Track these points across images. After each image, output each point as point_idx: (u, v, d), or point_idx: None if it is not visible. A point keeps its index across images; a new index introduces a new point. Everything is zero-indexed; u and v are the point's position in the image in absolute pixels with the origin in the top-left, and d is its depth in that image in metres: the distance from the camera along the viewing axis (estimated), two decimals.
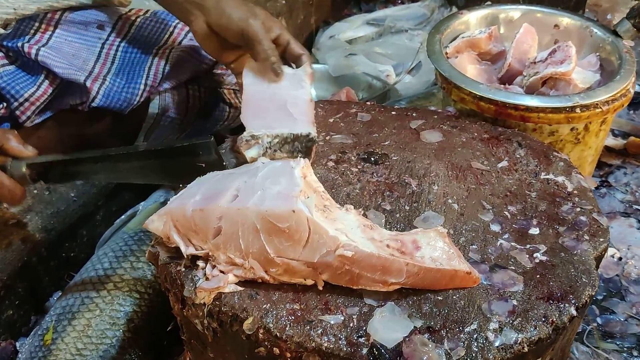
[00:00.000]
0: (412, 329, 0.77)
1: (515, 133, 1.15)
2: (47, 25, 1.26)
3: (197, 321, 0.85)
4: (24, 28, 1.24)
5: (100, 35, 1.32)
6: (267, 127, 1.01)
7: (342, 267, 0.79)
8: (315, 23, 2.35)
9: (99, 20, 1.33)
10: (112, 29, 1.33)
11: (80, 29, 1.30)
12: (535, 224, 0.93)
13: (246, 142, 1.00)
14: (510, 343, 0.76)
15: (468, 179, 1.02)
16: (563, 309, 0.80)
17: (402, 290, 0.81)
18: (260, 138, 0.99)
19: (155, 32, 1.35)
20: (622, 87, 1.27)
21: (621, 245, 1.46)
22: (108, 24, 1.33)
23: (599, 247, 0.90)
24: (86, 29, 1.31)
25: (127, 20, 1.35)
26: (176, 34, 1.36)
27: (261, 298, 0.81)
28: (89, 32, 1.31)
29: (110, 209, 1.42)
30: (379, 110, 1.22)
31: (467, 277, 0.81)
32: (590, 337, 1.26)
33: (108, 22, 1.33)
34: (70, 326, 1.13)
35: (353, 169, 1.03)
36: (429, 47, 1.40)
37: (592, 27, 1.46)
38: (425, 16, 2.32)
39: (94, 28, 1.32)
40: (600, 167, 1.68)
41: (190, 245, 0.85)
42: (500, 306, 0.80)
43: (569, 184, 1.01)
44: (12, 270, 1.21)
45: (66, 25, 1.28)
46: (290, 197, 0.80)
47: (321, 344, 0.76)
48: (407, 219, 0.94)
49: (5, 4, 1.19)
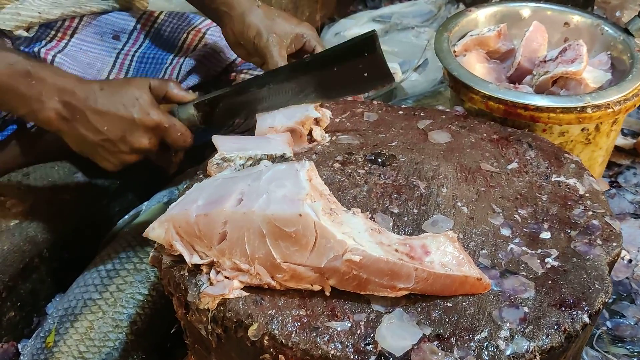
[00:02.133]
0: (421, 336, 0.75)
1: (525, 134, 1.12)
2: (64, 34, 1.29)
3: (201, 326, 0.83)
4: (41, 34, 1.26)
5: (116, 45, 1.34)
6: (239, 149, 0.96)
7: (350, 272, 0.77)
8: (321, 20, 2.33)
9: (114, 31, 1.35)
10: (128, 39, 1.35)
11: (97, 39, 1.33)
12: (546, 228, 0.91)
13: (217, 166, 0.95)
14: (522, 351, 0.74)
15: (477, 181, 1.00)
16: (575, 316, 0.78)
17: (410, 296, 0.79)
18: (233, 160, 0.95)
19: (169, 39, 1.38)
20: (634, 86, 1.25)
21: (631, 247, 1.44)
22: (123, 34, 1.35)
23: (612, 252, 0.88)
24: (102, 39, 1.33)
25: (142, 30, 1.36)
26: (190, 40, 1.37)
27: (266, 304, 0.79)
28: (104, 42, 1.34)
29: (114, 209, 1.41)
30: (386, 109, 1.20)
31: (478, 283, 0.79)
32: (600, 341, 1.24)
33: (124, 32, 1.35)
34: (72, 328, 1.12)
35: (360, 171, 1.02)
36: (437, 45, 1.38)
37: (603, 25, 1.43)
38: (432, 13, 2.30)
39: (110, 38, 1.35)
40: (610, 168, 1.65)
41: (194, 252, 0.83)
42: (511, 313, 0.78)
43: (581, 187, 0.99)
44: (13, 272, 1.20)
45: (82, 34, 1.31)
46: (297, 201, 0.79)
47: (328, 352, 0.74)
48: (416, 222, 0.92)
49: (30, 7, 1.20)
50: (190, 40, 1.36)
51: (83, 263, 1.26)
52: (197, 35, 1.36)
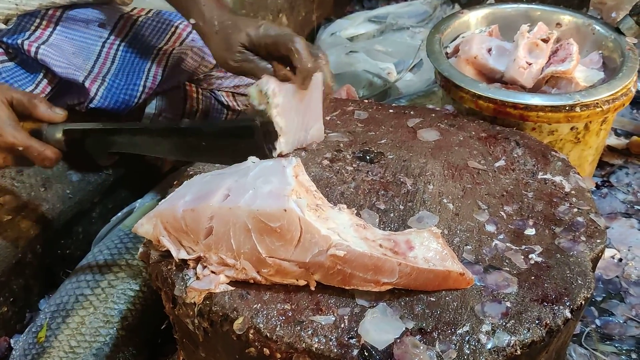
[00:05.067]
0: (404, 330, 0.76)
1: (513, 132, 1.13)
2: (48, 22, 1.25)
3: (188, 320, 0.84)
4: (25, 24, 1.23)
5: (102, 33, 1.31)
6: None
7: (334, 267, 0.78)
8: (317, 20, 2.34)
9: (101, 19, 1.31)
10: (114, 28, 1.32)
11: (82, 26, 1.29)
12: (531, 225, 0.92)
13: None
14: (503, 346, 0.75)
15: (464, 178, 1.00)
16: (557, 312, 0.79)
17: (394, 291, 0.80)
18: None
19: (156, 32, 1.34)
20: (623, 85, 1.25)
21: (622, 246, 1.45)
22: (109, 22, 1.32)
23: (596, 249, 0.89)
24: (87, 26, 1.30)
25: (128, 20, 1.34)
26: (178, 34, 1.35)
27: (252, 298, 0.80)
28: (90, 29, 1.30)
29: (107, 206, 1.42)
30: (377, 108, 1.21)
31: (461, 278, 0.80)
32: (589, 339, 1.24)
33: (109, 21, 1.32)
34: (64, 324, 1.13)
35: (348, 168, 1.02)
36: (429, 46, 1.39)
37: (594, 25, 1.44)
38: (427, 13, 2.31)
39: (96, 26, 1.31)
40: (602, 167, 1.66)
41: (181, 247, 0.84)
42: (493, 308, 0.79)
43: (567, 184, 1.00)
44: (6, 267, 1.21)
45: (67, 22, 1.28)
46: (282, 196, 0.79)
47: (311, 345, 0.75)
48: (402, 218, 0.93)
49: None
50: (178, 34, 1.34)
51: (76, 259, 1.27)
52: (184, 31, 1.34)
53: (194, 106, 1.40)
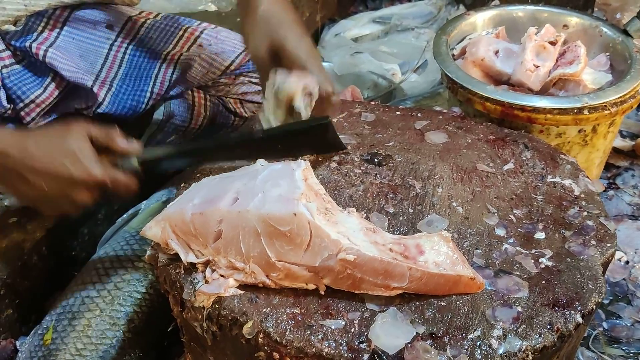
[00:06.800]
0: (415, 335, 0.75)
1: (521, 135, 1.13)
2: (55, 22, 1.24)
3: (197, 324, 0.84)
4: (32, 25, 1.22)
5: (109, 35, 1.29)
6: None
7: (344, 271, 0.78)
8: (321, 20, 2.33)
9: (108, 20, 1.30)
10: (121, 30, 1.31)
11: (89, 27, 1.28)
12: (541, 229, 0.91)
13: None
14: (514, 350, 0.74)
15: (473, 182, 1.00)
16: (568, 316, 0.78)
17: (404, 295, 0.79)
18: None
19: (164, 35, 1.33)
20: (631, 87, 1.25)
21: (628, 248, 1.44)
22: (117, 24, 1.31)
23: (606, 253, 0.88)
24: (95, 27, 1.28)
25: (136, 22, 1.32)
26: (186, 38, 1.33)
27: (261, 302, 0.80)
28: (97, 31, 1.29)
29: (112, 207, 1.41)
30: (384, 110, 1.21)
31: (471, 282, 0.80)
32: (596, 342, 1.24)
33: (117, 22, 1.31)
34: (70, 326, 1.13)
35: (356, 171, 1.02)
36: (435, 48, 1.39)
37: (602, 27, 1.44)
38: (432, 14, 2.30)
39: (103, 27, 1.30)
40: (608, 169, 1.66)
41: (189, 251, 0.83)
42: (504, 312, 0.78)
43: (576, 188, 1.00)
44: (12, 269, 1.20)
45: (74, 23, 1.26)
46: (292, 200, 0.79)
47: (322, 350, 0.74)
48: (411, 222, 0.92)
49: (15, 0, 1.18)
50: (186, 37, 1.33)
51: (81, 261, 1.26)
52: (192, 35, 1.33)
53: (202, 113, 1.39)
